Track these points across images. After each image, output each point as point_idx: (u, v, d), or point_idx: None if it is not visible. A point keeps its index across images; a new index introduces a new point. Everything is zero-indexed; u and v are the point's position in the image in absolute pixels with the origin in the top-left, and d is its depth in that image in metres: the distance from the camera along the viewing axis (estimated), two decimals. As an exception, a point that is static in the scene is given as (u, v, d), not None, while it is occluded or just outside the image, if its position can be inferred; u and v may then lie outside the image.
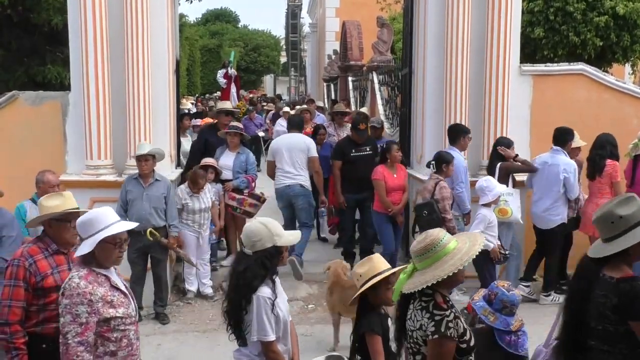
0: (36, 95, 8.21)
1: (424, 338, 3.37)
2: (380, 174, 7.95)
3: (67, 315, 3.52)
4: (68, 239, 4.24)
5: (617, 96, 8.57)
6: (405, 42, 9.35)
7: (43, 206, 4.22)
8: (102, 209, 3.79)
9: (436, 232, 3.46)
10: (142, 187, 7.16)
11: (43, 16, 10.89)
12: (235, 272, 3.96)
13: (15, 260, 4.14)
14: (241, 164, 8.65)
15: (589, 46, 11.91)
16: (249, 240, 3.90)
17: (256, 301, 3.85)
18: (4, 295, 4.09)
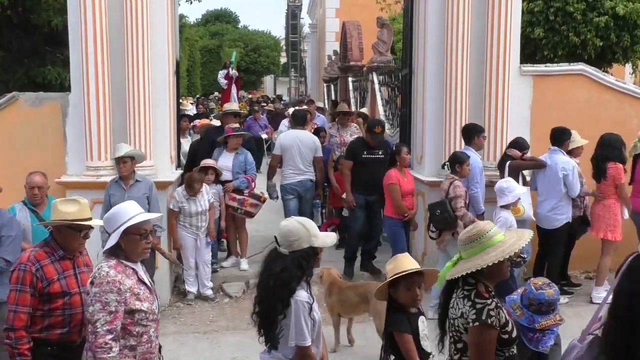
0: (36, 96, 8.21)
1: (465, 326, 3.41)
2: (395, 178, 7.69)
3: (96, 303, 3.51)
4: (75, 247, 4.22)
5: (617, 96, 8.56)
6: (405, 42, 9.35)
7: (57, 210, 4.17)
8: (124, 203, 3.87)
9: (484, 223, 3.55)
10: (123, 189, 7.06)
11: (43, 17, 10.89)
12: (269, 272, 3.81)
13: (22, 265, 4.07)
14: (240, 164, 8.65)
15: (589, 46, 11.91)
16: (285, 239, 3.78)
17: (294, 305, 3.74)
18: (10, 300, 4.04)
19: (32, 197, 6.26)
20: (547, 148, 7.80)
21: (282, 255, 3.78)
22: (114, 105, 7.69)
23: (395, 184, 7.66)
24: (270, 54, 48.74)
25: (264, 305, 3.82)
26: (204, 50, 41.74)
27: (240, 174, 8.63)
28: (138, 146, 7.71)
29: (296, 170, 8.90)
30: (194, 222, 7.82)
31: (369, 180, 8.24)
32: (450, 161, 7.33)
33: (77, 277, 4.20)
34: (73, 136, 7.86)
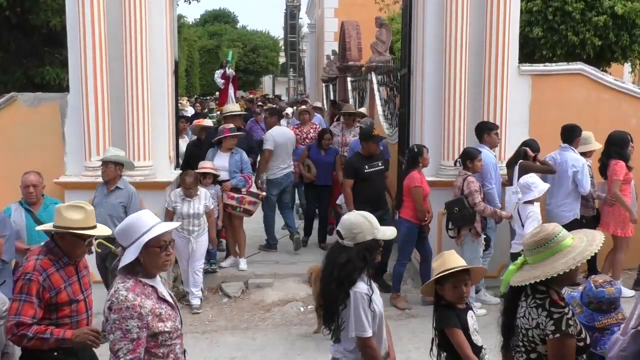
0: (35, 96, 8.20)
1: (541, 337, 3.29)
2: (419, 180, 7.49)
3: (117, 331, 3.25)
4: (79, 255, 4.12)
5: (616, 96, 8.57)
6: (404, 42, 9.35)
7: (62, 216, 4.01)
8: (139, 213, 3.56)
9: (551, 227, 3.39)
10: (104, 194, 6.98)
11: (41, 17, 10.88)
12: (333, 263, 3.83)
13: (27, 274, 3.91)
14: (236, 163, 8.63)
15: (588, 46, 11.91)
16: (349, 232, 3.80)
17: (353, 297, 3.75)
18: (13, 309, 3.92)
19: (28, 196, 6.24)
20: (546, 147, 7.80)
21: (346, 247, 3.80)
22: (112, 106, 7.68)
23: (420, 186, 7.47)
24: (269, 54, 48.76)
25: (327, 296, 3.86)
26: (202, 51, 41.78)
27: (237, 173, 8.61)
28: (137, 146, 7.72)
29: (283, 164, 9.51)
30: (185, 225, 7.58)
31: (373, 196, 7.92)
32: (461, 157, 7.36)
33: (80, 282, 4.12)
34: (72, 136, 7.86)
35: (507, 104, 8.01)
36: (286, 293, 8.16)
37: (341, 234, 3.83)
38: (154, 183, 7.78)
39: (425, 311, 7.43)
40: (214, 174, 8.30)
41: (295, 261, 9.06)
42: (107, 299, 3.30)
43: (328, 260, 3.93)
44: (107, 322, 3.28)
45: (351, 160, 8.37)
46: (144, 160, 7.78)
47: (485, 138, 7.65)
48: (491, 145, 7.68)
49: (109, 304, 3.28)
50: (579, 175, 7.59)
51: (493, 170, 7.50)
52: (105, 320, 3.29)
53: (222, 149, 8.67)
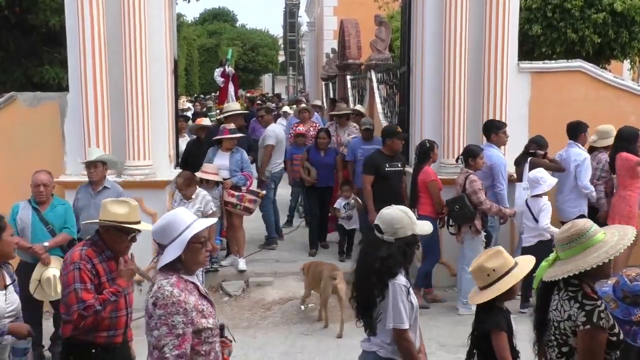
0: (34, 96, 8.20)
1: (573, 329, 3.31)
2: (434, 174, 7.51)
3: (162, 327, 3.20)
4: (122, 250, 4.14)
5: (615, 93, 8.58)
6: (404, 40, 9.35)
7: (107, 210, 4.08)
8: (175, 211, 3.53)
9: (583, 222, 3.42)
10: (91, 195, 6.82)
11: (40, 17, 10.86)
12: (372, 257, 3.80)
13: (75, 264, 3.96)
14: (237, 162, 8.60)
15: (587, 43, 11.90)
16: (390, 227, 3.79)
17: (392, 287, 3.74)
18: (71, 300, 3.94)
19: (38, 195, 6.22)
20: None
21: (387, 242, 3.80)
22: (112, 105, 7.68)
23: (436, 180, 7.49)
24: (268, 52, 48.68)
25: (363, 289, 3.83)
26: (202, 49, 41.70)
27: (238, 171, 8.59)
28: (136, 145, 7.72)
29: (280, 159, 10.26)
30: None
31: (391, 196, 7.64)
32: (463, 155, 7.38)
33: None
34: (71, 136, 7.86)
35: (507, 101, 8.01)
36: (286, 291, 8.17)
37: (381, 229, 3.81)
38: (154, 182, 7.78)
39: (426, 310, 7.46)
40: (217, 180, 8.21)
41: (295, 260, 9.06)
42: (150, 296, 3.28)
43: (365, 253, 3.92)
44: (152, 318, 3.24)
45: (372, 156, 8.11)
46: (143, 159, 7.78)
47: (493, 137, 7.66)
48: (499, 144, 7.69)
49: (153, 300, 3.24)
50: (579, 168, 7.66)
51: (504, 170, 7.51)
52: (149, 317, 3.25)
53: (222, 148, 8.65)
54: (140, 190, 7.69)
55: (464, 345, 3.94)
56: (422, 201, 7.55)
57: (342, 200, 9.12)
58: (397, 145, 7.96)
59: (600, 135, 8.00)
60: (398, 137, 7.93)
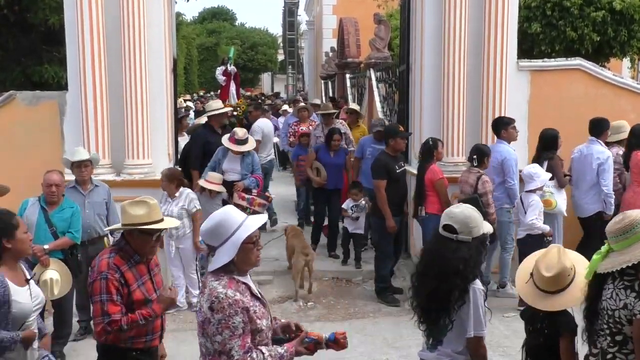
0: (33, 95, 8.19)
1: (628, 317, 3.32)
2: (441, 172, 7.47)
3: (224, 331, 3.12)
4: (149, 252, 4.03)
5: (614, 91, 8.57)
6: (403, 38, 9.36)
7: (127, 213, 3.97)
8: (225, 210, 3.36)
9: (635, 213, 3.44)
10: (82, 194, 6.72)
11: (40, 16, 10.86)
12: (451, 259, 3.60)
13: (102, 274, 3.82)
14: (248, 166, 8.38)
15: (586, 41, 11.92)
16: (466, 226, 3.64)
17: (473, 293, 3.59)
18: (97, 311, 3.83)
19: (50, 195, 6.20)
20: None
21: (464, 242, 3.64)
22: (111, 104, 7.68)
23: (443, 178, 7.43)
24: (268, 51, 48.68)
25: (439, 293, 3.61)
26: (201, 48, 41.71)
27: (248, 175, 8.39)
28: (136, 144, 7.72)
29: (267, 152, 11.12)
30: None
31: (401, 198, 7.72)
32: (477, 154, 7.34)
33: (152, 281, 4.04)
34: (71, 135, 7.85)
35: (506, 99, 8.01)
36: (286, 290, 8.17)
37: (454, 229, 3.65)
38: (154, 181, 7.76)
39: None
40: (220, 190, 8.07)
41: (295, 258, 9.06)
42: (204, 300, 3.18)
43: (438, 256, 3.70)
44: (211, 324, 3.15)
45: (381, 159, 7.72)
46: (143, 158, 7.78)
47: (503, 133, 7.67)
48: (510, 139, 7.69)
49: (208, 304, 3.15)
50: (602, 167, 7.66)
51: (514, 165, 7.51)
52: (208, 323, 3.16)
53: (233, 151, 8.38)
54: (139, 189, 7.65)
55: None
56: (430, 200, 7.48)
57: (351, 202, 8.84)
58: (400, 145, 7.80)
59: (614, 130, 8.03)
60: (401, 137, 7.80)
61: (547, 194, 7.44)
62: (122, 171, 7.78)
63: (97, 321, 3.83)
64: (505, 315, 7.05)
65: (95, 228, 6.74)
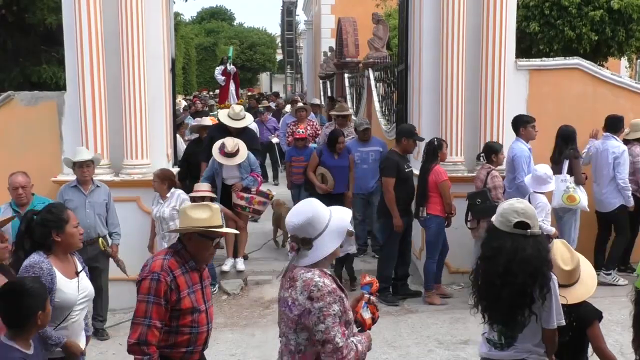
0: (32, 95, 8.19)
1: None
2: (445, 174, 7.45)
3: (327, 318, 3.05)
4: (207, 258, 3.86)
5: (612, 90, 8.58)
6: (401, 38, 9.35)
7: (188, 216, 3.77)
8: (310, 201, 3.31)
9: None
10: (83, 194, 6.75)
11: (38, 16, 10.88)
12: (531, 256, 3.57)
13: (154, 274, 3.63)
14: (246, 168, 8.31)
15: (585, 40, 11.92)
16: (535, 219, 3.66)
17: (552, 284, 3.60)
18: (140, 312, 3.61)
19: (17, 198, 6.16)
20: (543, 142, 7.83)
21: (537, 236, 3.65)
22: (109, 104, 7.68)
23: (447, 180, 7.44)
24: (266, 51, 48.71)
25: (524, 290, 3.56)
26: (199, 48, 41.71)
27: (247, 175, 8.32)
28: (134, 144, 7.72)
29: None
30: (158, 227, 7.43)
31: (409, 199, 7.61)
32: (485, 151, 7.45)
33: (203, 291, 3.84)
34: (69, 135, 7.85)
35: (505, 98, 8.01)
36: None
37: (527, 224, 3.63)
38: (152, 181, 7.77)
39: (424, 307, 7.47)
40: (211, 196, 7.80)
41: (294, 258, 9.06)
42: (298, 293, 3.11)
43: (517, 253, 3.61)
44: (311, 314, 3.07)
45: (392, 157, 7.63)
46: (141, 158, 7.78)
47: (522, 131, 7.70)
48: (528, 138, 7.70)
49: (307, 295, 3.08)
50: (617, 161, 7.81)
51: (525, 163, 7.50)
52: (308, 313, 3.08)
53: None
54: (138, 189, 7.70)
55: (463, 342, 3.95)
56: (432, 200, 7.48)
57: None
58: (411, 147, 7.68)
59: (633, 128, 8.15)
60: (414, 139, 7.62)
61: (570, 190, 7.53)
62: (120, 171, 7.78)
63: (136, 320, 3.62)
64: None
65: (95, 228, 6.74)
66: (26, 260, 3.88)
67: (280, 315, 3.27)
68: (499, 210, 3.80)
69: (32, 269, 3.82)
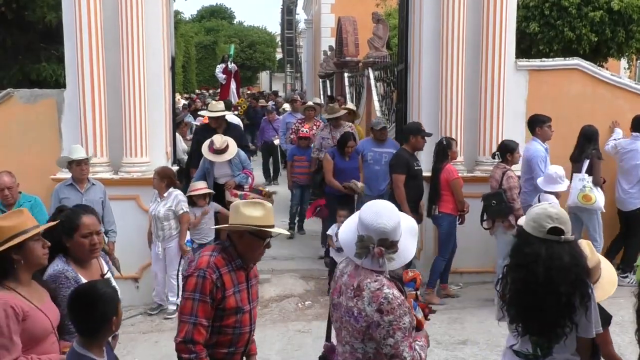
0: (31, 93, 8.19)
1: None
2: (456, 172, 7.53)
3: (396, 332, 2.98)
4: (256, 257, 3.73)
5: (611, 90, 8.59)
6: (401, 37, 9.35)
7: (241, 214, 3.62)
8: (383, 202, 3.20)
9: None
10: (79, 192, 6.77)
11: (37, 14, 10.87)
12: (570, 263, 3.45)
13: (201, 271, 3.53)
14: (237, 165, 8.30)
15: (584, 41, 11.91)
16: (568, 225, 3.55)
17: (592, 292, 3.51)
18: (186, 309, 3.52)
19: (4, 199, 6.12)
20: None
21: (571, 242, 3.54)
22: (109, 102, 7.68)
23: (459, 178, 7.50)
24: (266, 49, 48.65)
25: (562, 299, 3.44)
26: (199, 47, 41.68)
27: (239, 172, 8.33)
28: (134, 142, 7.73)
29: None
30: (154, 227, 7.44)
31: (417, 197, 7.57)
32: (500, 150, 7.43)
33: (249, 291, 3.74)
34: (68, 133, 7.85)
35: (504, 98, 8.02)
36: (284, 289, 8.17)
37: (562, 230, 3.50)
38: (151, 179, 7.76)
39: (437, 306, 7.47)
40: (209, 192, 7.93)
41: (292, 257, 9.07)
42: (365, 304, 3.02)
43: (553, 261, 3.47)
44: (380, 327, 3.00)
45: (402, 154, 7.62)
46: (141, 156, 7.78)
47: (537, 131, 7.75)
48: (544, 138, 7.74)
49: (376, 307, 2.99)
50: None
51: (542, 162, 7.54)
52: (376, 326, 3.00)
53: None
54: (137, 188, 7.70)
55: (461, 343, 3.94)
56: (444, 199, 7.51)
57: (336, 227, 7.49)
58: (421, 143, 7.63)
59: None
60: (422, 135, 7.62)
61: (587, 189, 7.58)
62: (119, 169, 7.78)
63: (183, 319, 3.53)
64: (503, 315, 7.05)
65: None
66: (50, 269, 3.69)
67: (341, 322, 3.17)
68: (530, 215, 3.63)
69: (57, 279, 3.64)
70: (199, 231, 7.86)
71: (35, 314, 3.36)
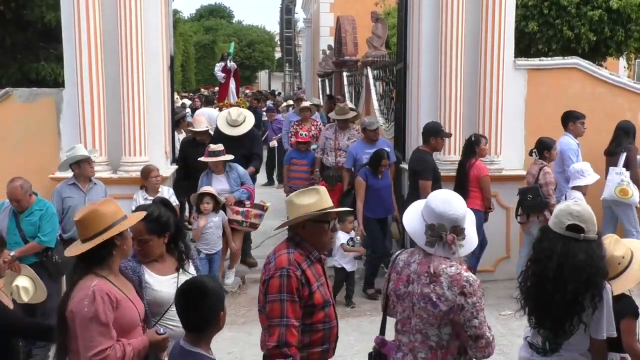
0: (30, 92, 8.19)
1: None
2: (486, 169, 7.47)
3: (479, 313, 3.13)
4: (327, 243, 3.67)
5: (610, 89, 8.60)
6: (400, 37, 9.34)
7: (296, 205, 3.53)
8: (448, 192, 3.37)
9: None
10: (82, 192, 6.74)
11: (36, 13, 10.86)
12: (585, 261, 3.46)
13: (283, 270, 3.40)
14: (235, 180, 8.07)
15: (583, 40, 11.92)
16: (592, 224, 3.55)
17: (605, 293, 3.50)
18: (275, 312, 3.39)
19: (16, 207, 5.97)
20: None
21: (593, 241, 3.54)
22: (108, 101, 7.67)
23: (488, 175, 7.48)
24: (265, 49, 48.66)
25: (573, 296, 3.47)
26: (198, 46, 41.71)
27: (238, 188, 8.09)
28: (132, 141, 7.72)
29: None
30: None
31: None
32: (537, 147, 7.48)
33: (327, 283, 3.65)
34: (67, 132, 7.84)
35: (503, 97, 8.02)
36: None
37: (581, 228, 3.52)
38: (150, 178, 7.77)
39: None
40: (216, 199, 7.67)
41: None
42: (444, 288, 3.11)
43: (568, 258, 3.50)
44: (464, 310, 3.08)
45: (426, 158, 7.40)
46: (139, 155, 7.77)
47: (570, 126, 7.84)
48: (576, 134, 7.85)
49: (457, 290, 3.09)
50: None
51: (574, 155, 7.63)
52: (461, 309, 3.09)
53: (215, 171, 8.03)
54: (136, 187, 7.69)
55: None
56: (473, 195, 7.40)
57: (344, 234, 7.54)
58: (440, 145, 7.54)
59: None
60: (442, 136, 7.48)
61: (624, 183, 7.59)
62: (118, 168, 7.77)
63: (273, 323, 3.41)
64: (502, 314, 7.06)
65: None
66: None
67: (412, 310, 3.19)
68: (555, 211, 3.69)
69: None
70: (206, 241, 7.66)
71: (126, 304, 3.33)
